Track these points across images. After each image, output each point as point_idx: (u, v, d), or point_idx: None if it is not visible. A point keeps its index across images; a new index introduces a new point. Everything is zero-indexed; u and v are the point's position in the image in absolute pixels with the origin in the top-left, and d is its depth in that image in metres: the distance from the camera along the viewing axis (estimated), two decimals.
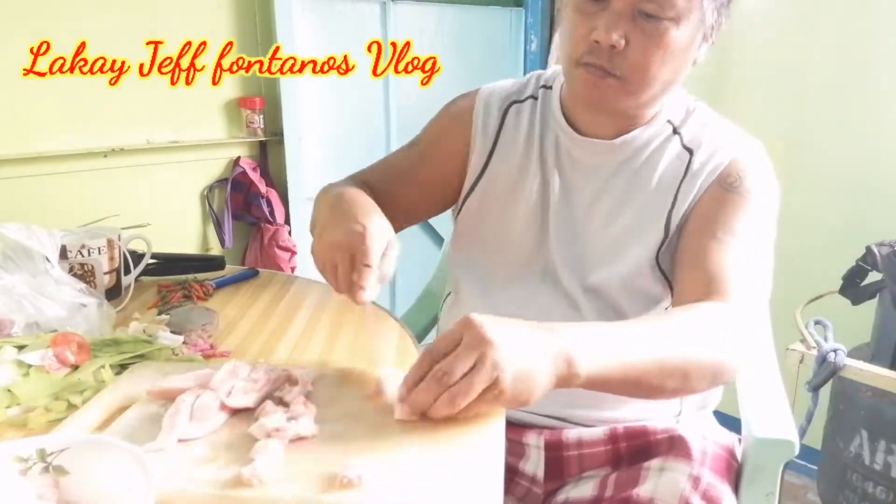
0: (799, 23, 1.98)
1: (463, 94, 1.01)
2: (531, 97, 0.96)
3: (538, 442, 0.88)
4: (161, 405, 0.66)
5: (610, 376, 0.64)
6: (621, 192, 0.89)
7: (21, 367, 0.75)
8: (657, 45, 0.78)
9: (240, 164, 2.10)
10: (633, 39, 0.78)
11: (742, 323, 0.78)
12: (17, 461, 0.51)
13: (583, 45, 0.80)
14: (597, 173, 0.91)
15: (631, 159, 0.90)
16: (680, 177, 0.88)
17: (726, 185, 0.86)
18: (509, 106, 0.96)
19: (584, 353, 0.62)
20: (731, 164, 0.87)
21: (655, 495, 0.74)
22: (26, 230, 0.93)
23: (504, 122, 0.96)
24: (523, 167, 0.93)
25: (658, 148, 0.89)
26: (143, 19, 1.86)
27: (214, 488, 0.53)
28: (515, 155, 0.94)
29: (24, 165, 1.73)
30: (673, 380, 0.69)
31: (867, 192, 1.88)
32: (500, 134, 0.95)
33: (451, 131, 0.98)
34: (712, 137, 0.89)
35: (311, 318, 0.97)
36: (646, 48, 0.78)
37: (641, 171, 0.89)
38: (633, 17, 0.78)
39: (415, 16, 2.43)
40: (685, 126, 0.90)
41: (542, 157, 0.93)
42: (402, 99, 2.44)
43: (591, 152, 0.91)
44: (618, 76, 0.80)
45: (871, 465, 1.47)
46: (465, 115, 0.97)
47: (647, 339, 0.69)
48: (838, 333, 1.49)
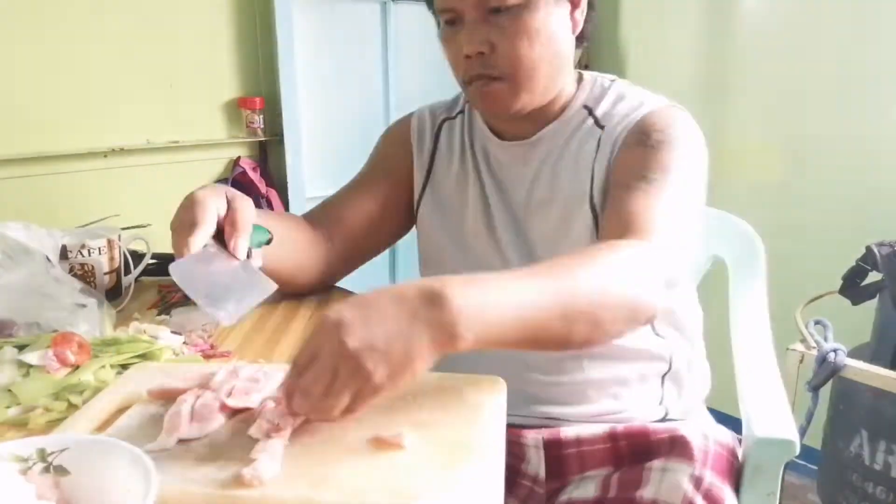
0: (799, 23, 1.98)
1: (398, 120, 1.07)
2: (461, 112, 1.01)
3: (536, 441, 0.88)
4: (161, 405, 0.66)
5: (504, 335, 0.58)
6: (549, 185, 0.90)
7: (21, 367, 0.75)
8: (517, 33, 0.81)
9: (240, 165, 2.10)
10: (495, 39, 0.82)
11: (658, 258, 0.72)
12: (17, 461, 0.51)
13: (461, 65, 0.86)
14: (523, 172, 0.93)
15: (550, 152, 0.91)
16: (593, 152, 0.88)
17: (640, 140, 0.84)
18: (441, 124, 1.01)
19: (469, 318, 0.56)
20: (641, 119, 0.86)
21: (658, 497, 0.74)
22: (26, 230, 0.93)
23: (438, 141, 1.00)
24: (462, 179, 0.97)
25: (573, 133, 0.90)
26: (143, 19, 1.86)
27: (214, 488, 0.53)
28: (452, 169, 0.98)
29: (24, 165, 1.73)
30: (580, 326, 0.63)
31: (867, 192, 1.88)
32: (435, 152, 1.00)
33: (392, 151, 1.04)
34: (624, 107, 0.89)
35: (310, 318, 0.97)
36: (508, 40, 0.81)
37: (562, 160, 0.90)
38: (485, 20, 0.81)
39: (415, 16, 2.43)
40: (599, 106, 0.91)
41: (475, 166, 0.96)
42: (403, 99, 2.44)
43: (512, 155, 0.93)
44: (500, 77, 0.83)
45: (871, 465, 1.47)
46: (403, 136, 1.03)
47: (545, 284, 0.62)
48: (838, 333, 1.49)
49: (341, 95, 2.33)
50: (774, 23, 2.03)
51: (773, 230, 0.91)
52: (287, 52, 2.08)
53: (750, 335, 1.05)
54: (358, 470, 0.55)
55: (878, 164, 1.86)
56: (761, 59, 2.07)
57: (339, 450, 0.59)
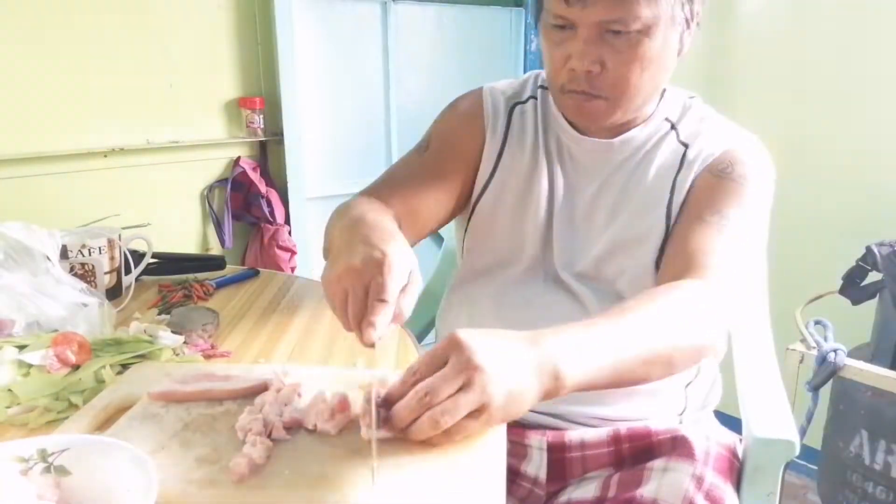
0: (799, 23, 1.98)
1: (465, 94, 0.99)
2: (532, 97, 0.97)
3: (540, 443, 0.88)
4: (161, 406, 0.66)
5: (595, 380, 0.64)
6: (620, 191, 0.90)
7: (22, 367, 0.75)
8: (632, 59, 0.79)
9: (240, 164, 2.10)
10: (608, 60, 0.80)
11: (722, 302, 0.76)
12: (18, 461, 0.51)
13: (562, 73, 0.83)
14: (597, 172, 0.91)
15: (630, 157, 0.91)
16: (675, 169, 0.89)
17: (717, 171, 0.86)
18: (513, 107, 0.96)
19: (570, 364, 0.61)
20: (723, 153, 0.88)
21: (659, 496, 0.73)
22: (26, 230, 0.93)
23: (510, 123, 0.95)
24: (533, 167, 0.93)
25: (656, 144, 0.91)
26: (143, 19, 1.86)
27: (215, 488, 0.53)
28: (525, 155, 0.94)
29: (24, 165, 1.73)
30: (657, 368, 0.69)
31: (867, 192, 1.88)
32: (507, 134, 0.95)
33: (463, 129, 0.96)
34: (708, 130, 0.90)
35: (311, 318, 0.97)
36: (622, 65, 0.80)
37: (639, 169, 0.90)
38: (601, 38, 0.79)
39: (415, 16, 2.43)
40: (682, 122, 0.91)
41: (548, 157, 0.94)
42: (403, 99, 2.44)
43: (591, 151, 0.91)
44: (603, 97, 0.82)
45: (871, 465, 1.47)
46: (475, 113, 0.96)
47: (630, 336, 0.67)
48: (838, 333, 1.49)
49: (341, 95, 2.33)
50: (774, 23, 2.03)
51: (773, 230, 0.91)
52: (287, 52, 2.08)
53: (750, 335, 1.05)
54: (357, 470, 0.55)
55: (878, 164, 1.85)
56: (761, 59, 2.07)
57: (338, 449, 0.59)
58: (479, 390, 0.55)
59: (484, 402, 0.55)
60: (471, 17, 2.56)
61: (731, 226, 0.82)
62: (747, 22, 2.08)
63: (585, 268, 0.91)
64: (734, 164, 0.86)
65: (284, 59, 2.08)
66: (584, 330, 0.66)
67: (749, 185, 0.85)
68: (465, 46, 2.55)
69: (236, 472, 0.54)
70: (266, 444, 0.58)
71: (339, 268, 0.64)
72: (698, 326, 0.73)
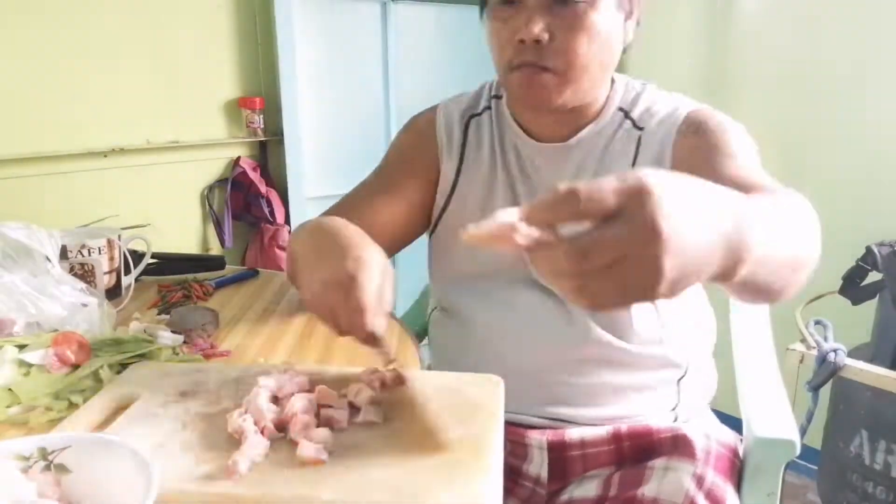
0: (799, 23, 1.98)
1: (421, 113, 1.01)
2: (486, 108, 0.97)
3: (541, 443, 0.88)
4: (160, 405, 0.66)
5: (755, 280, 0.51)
6: None
7: (22, 367, 0.75)
8: (580, 28, 0.80)
9: (240, 164, 2.10)
10: (555, 29, 0.80)
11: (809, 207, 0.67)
12: (18, 459, 0.51)
13: (509, 48, 0.82)
14: (558, 176, 0.91)
15: (588, 155, 0.90)
16: (633, 153, 0.88)
17: (692, 131, 0.85)
18: (469, 120, 0.97)
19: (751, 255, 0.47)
20: (687, 115, 0.87)
21: (660, 495, 0.74)
22: (26, 230, 0.93)
23: (467, 137, 0.96)
24: (491, 180, 0.94)
25: (612, 136, 0.90)
26: (143, 19, 1.86)
27: (213, 487, 0.53)
28: (482, 169, 0.94)
29: (24, 165, 1.73)
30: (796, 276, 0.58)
31: (867, 192, 1.88)
32: (464, 149, 0.96)
33: (416, 149, 0.98)
34: (662, 108, 0.89)
35: (310, 318, 0.97)
36: (570, 34, 0.80)
37: (601, 165, 0.89)
38: (549, 8, 0.79)
39: (414, 16, 2.43)
40: (635, 108, 0.91)
41: (506, 167, 0.93)
42: (403, 99, 2.44)
43: (549, 157, 0.91)
44: (550, 68, 0.81)
45: (871, 465, 1.47)
46: (428, 131, 0.98)
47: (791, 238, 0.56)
48: (838, 333, 1.49)
49: (341, 95, 2.33)
50: (774, 22, 2.03)
51: None
52: (287, 52, 2.08)
53: (750, 335, 1.05)
54: (356, 468, 0.55)
55: (879, 163, 1.86)
56: (761, 58, 2.07)
57: (337, 447, 0.59)
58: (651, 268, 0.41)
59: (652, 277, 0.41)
60: (471, 17, 2.54)
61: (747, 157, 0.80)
62: (747, 22, 2.08)
63: None
64: (704, 120, 0.85)
65: (284, 59, 2.08)
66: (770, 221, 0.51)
67: (730, 128, 0.84)
68: (465, 46, 2.55)
69: (233, 472, 0.54)
70: (263, 443, 0.58)
71: (315, 286, 0.65)
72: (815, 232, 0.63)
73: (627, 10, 0.84)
